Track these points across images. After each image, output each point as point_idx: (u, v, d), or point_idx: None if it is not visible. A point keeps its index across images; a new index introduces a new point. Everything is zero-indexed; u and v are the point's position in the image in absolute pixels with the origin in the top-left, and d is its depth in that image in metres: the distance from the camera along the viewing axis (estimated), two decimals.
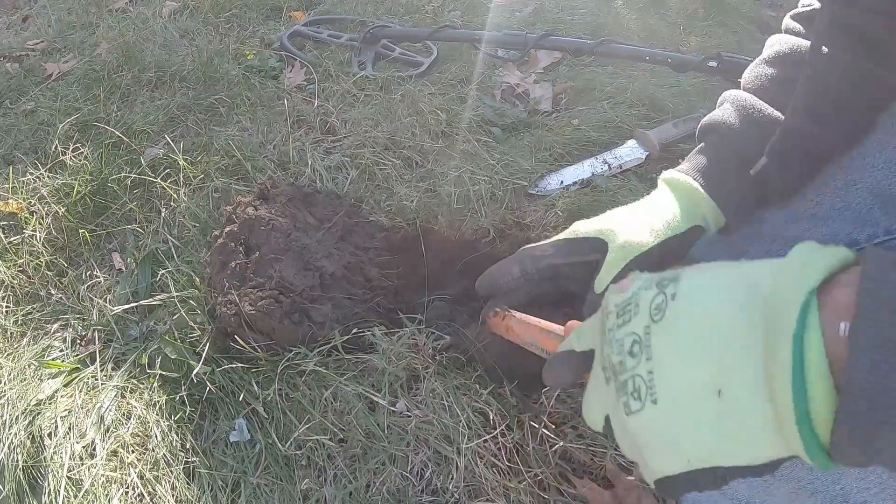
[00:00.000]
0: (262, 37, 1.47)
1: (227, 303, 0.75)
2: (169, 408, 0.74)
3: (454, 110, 1.18)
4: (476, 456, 0.67)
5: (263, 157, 1.07)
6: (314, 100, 1.22)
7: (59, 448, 0.71)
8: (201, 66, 1.31)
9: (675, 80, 1.30)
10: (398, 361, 0.73)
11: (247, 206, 0.85)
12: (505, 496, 0.65)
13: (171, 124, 1.20)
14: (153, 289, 0.88)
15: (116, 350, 0.82)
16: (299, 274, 0.79)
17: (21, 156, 1.15)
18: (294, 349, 0.75)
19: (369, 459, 0.68)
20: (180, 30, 1.50)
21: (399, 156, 1.08)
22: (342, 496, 0.66)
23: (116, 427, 0.73)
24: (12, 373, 0.79)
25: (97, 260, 0.96)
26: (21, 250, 0.95)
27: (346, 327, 0.77)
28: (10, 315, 0.88)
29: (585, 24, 1.51)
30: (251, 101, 1.23)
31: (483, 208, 0.96)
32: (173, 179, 1.02)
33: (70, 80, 1.35)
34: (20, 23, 1.74)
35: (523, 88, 1.30)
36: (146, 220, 1.00)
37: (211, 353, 0.76)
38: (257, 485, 0.67)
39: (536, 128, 1.17)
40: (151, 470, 0.70)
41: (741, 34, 1.55)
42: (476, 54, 1.32)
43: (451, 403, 0.71)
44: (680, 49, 1.43)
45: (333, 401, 0.71)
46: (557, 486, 0.66)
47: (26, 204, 1.01)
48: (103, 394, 0.76)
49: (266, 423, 0.71)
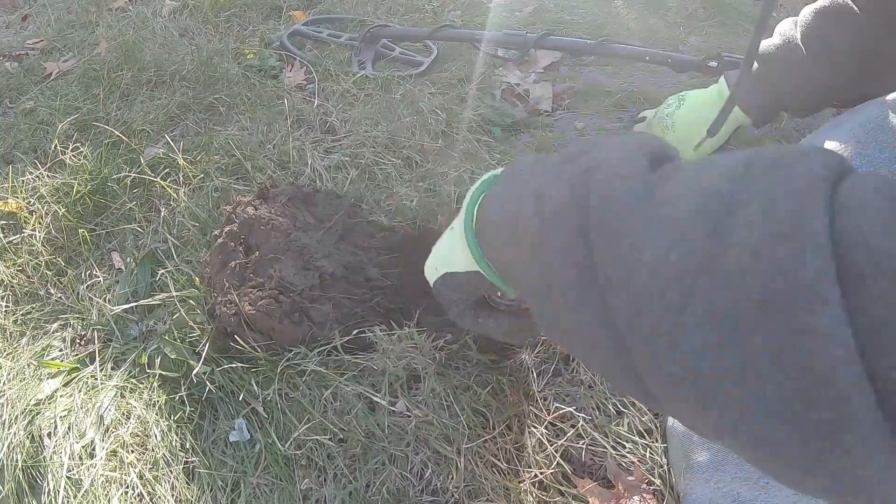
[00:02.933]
0: (261, 36, 1.47)
1: (227, 302, 0.75)
2: (168, 408, 0.74)
3: (454, 110, 1.18)
4: (476, 456, 0.67)
5: (263, 156, 1.07)
6: (314, 99, 1.22)
7: (58, 448, 0.71)
8: (201, 66, 1.30)
9: (675, 80, 1.30)
10: (398, 361, 0.73)
11: (246, 205, 0.85)
12: (505, 496, 0.65)
13: (170, 123, 1.20)
14: (153, 288, 0.88)
15: (116, 350, 0.82)
16: (299, 274, 0.79)
17: (20, 155, 1.14)
18: (294, 349, 0.75)
19: (369, 459, 0.67)
20: (180, 29, 1.50)
21: (399, 155, 1.08)
22: (342, 496, 0.66)
23: (116, 427, 0.73)
24: (12, 372, 0.79)
25: (97, 259, 0.95)
26: (20, 250, 0.95)
27: (346, 327, 0.77)
28: (10, 315, 0.88)
29: (585, 24, 1.51)
30: (251, 101, 1.23)
31: None
32: (173, 179, 1.02)
33: (69, 80, 1.34)
34: (20, 22, 1.74)
35: (523, 88, 1.30)
36: (146, 220, 0.99)
37: (211, 353, 0.76)
38: (257, 485, 0.67)
39: (536, 128, 1.17)
40: (151, 470, 0.70)
41: (741, 34, 1.55)
42: (476, 54, 1.32)
43: (451, 403, 0.71)
44: (680, 49, 1.43)
45: (333, 401, 0.71)
46: (558, 486, 0.66)
47: (26, 203, 1.01)
48: (103, 393, 0.76)
49: (266, 423, 0.71)
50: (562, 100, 1.27)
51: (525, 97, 1.28)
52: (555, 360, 0.75)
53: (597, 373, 0.72)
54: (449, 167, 1.04)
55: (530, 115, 1.21)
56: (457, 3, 1.61)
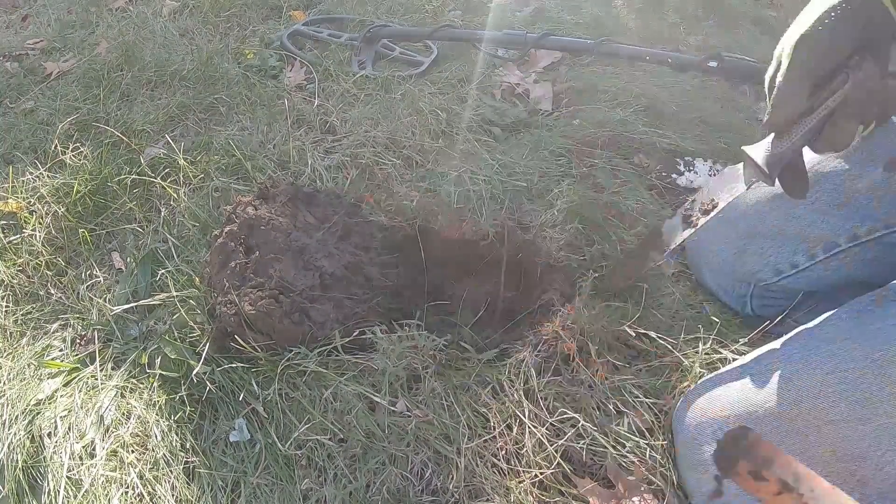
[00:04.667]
0: (261, 36, 1.47)
1: (227, 302, 0.75)
2: (169, 408, 0.74)
3: (454, 110, 1.18)
4: (476, 456, 0.67)
5: (263, 156, 1.07)
6: (314, 99, 1.22)
7: (58, 448, 0.71)
8: (201, 66, 1.30)
9: (676, 80, 1.30)
10: (398, 361, 0.73)
11: (247, 205, 0.85)
12: (505, 496, 0.65)
13: (170, 124, 1.20)
14: (153, 288, 0.88)
15: (116, 350, 0.82)
16: (299, 274, 0.79)
17: (21, 155, 1.14)
18: (294, 349, 0.75)
19: (369, 459, 0.67)
20: (180, 29, 1.50)
21: (399, 155, 1.08)
22: (342, 496, 0.66)
23: (116, 427, 0.73)
24: (12, 372, 0.79)
25: (97, 259, 0.95)
26: (21, 250, 0.95)
27: (346, 327, 0.77)
28: (10, 315, 0.88)
29: (585, 24, 1.51)
30: (251, 101, 1.23)
31: (483, 208, 0.96)
32: (173, 179, 1.02)
33: (70, 80, 1.34)
34: (20, 22, 1.74)
35: (523, 88, 1.29)
36: (146, 220, 0.99)
37: (211, 353, 0.76)
38: (257, 485, 0.67)
39: (536, 128, 1.17)
40: (151, 470, 0.70)
41: (741, 34, 1.55)
42: (476, 54, 1.32)
43: (451, 403, 0.71)
44: (680, 49, 1.43)
45: (333, 401, 0.71)
46: (558, 486, 0.66)
47: (26, 203, 1.01)
48: (103, 393, 0.76)
49: (266, 423, 0.71)
50: (561, 99, 1.27)
51: (525, 97, 1.28)
52: (555, 360, 0.75)
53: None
54: (449, 167, 1.04)
55: (530, 115, 1.21)
56: (457, 3, 1.61)
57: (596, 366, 0.74)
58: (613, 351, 0.76)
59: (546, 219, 0.94)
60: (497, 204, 0.98)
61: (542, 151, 1.09)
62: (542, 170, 1.04)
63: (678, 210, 0.75)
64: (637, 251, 0.84)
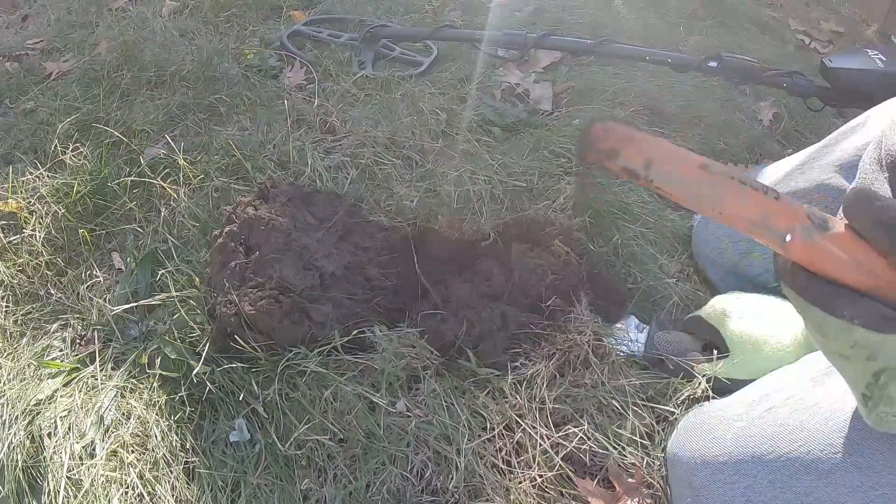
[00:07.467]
0: (261, 36, 1.47)
1: (227, 303, 0.75)
2: (169, 408, 0.74)
3: (454, 110, 1.18)
4: (476, 456, 0.67)
5: (263, 156, 1.07)
6: (314, 99, 1.22)
7: (58, 448, 0.71)
8: (201, 66, 1.30)
9: (675, 80, 1.30)
10: (398, 361, 0.73)
11: (247, 205, 0.85)
12: (505, 496, 0.65)
13: (170, 124, 1.20)
14: (153, 288, 0.88)
15: (116, 350, 0.82)
16: (299, 274, 0.79)
17: (20, 155, 1.14)
18: (294, 349, 0.75)
19: (369, 459, 0.67)
20: (180, 29, 1.50)
21: (399, 155, 1.08)
22: (342, 496, 0.66)
23: (116, 427, 0.73)
24: (12, 373, 0.79)
25: (97, 259, 0.95)
26: (20, 250, 0.95)
27: (346, 327, 0.77)
28: (10, 315, 0.88)
29: (585, 24, 1.51)
30: (251, 101, 1.23)
31: (483, 208, 0.96)
32: (173, 179, 1.02)
33: (70, 80, 1.34)
34: (20, 22, 1.74)
35: (523, 88, 1.30)
36: (146, 220, 0.99)
37: (211, 353, 0.76)
38: (257, 485, 0.67)
39: (536, 128, 1.17)
40: (151, 470, 0.69)
41: (741, 34, 1.55)
42: (476, 54, 1.32)
43: (451, 403, 0.71)
44: (680, 49, 1.43)
45: (333, 401, 0.71)
46: (558, 487, 0.66)
47: (26, 203, 1.01)
48: (103, 394, 0.76)
49: (266, 423, 0.71)
50: (561, 99, 1.27)
51: (525, 97, 1.28)
52: (569, 368, 0.75)
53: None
54: (449, 167, 1.04)
55: (530, 115, 1.21)
56: (457, 3, 1.61)
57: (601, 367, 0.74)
58: (614, 352, 0.76)
59: (547, 218, 0.94)
60: (497, 204, 0.98)
61: (542, 151, 1.09)
62: (542, 170, 1.04)
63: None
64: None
